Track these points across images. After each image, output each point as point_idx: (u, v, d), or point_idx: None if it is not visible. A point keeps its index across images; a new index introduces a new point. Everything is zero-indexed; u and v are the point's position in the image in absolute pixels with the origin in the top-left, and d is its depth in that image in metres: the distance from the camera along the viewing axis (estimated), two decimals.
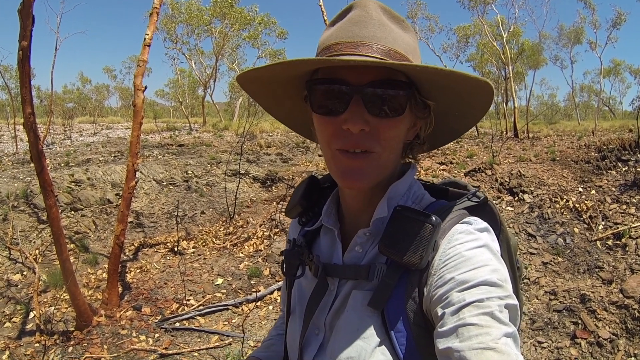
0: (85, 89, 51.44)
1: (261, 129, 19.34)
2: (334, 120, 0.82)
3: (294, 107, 0.99)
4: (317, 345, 0.90)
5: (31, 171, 9.03)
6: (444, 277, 0.75)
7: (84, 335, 4.72)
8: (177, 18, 27.87)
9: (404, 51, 0.83)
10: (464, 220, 0.84)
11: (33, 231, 7.33)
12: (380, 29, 0.82)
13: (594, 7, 31.69)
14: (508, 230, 0.98)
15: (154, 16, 5.65)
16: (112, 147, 14.66)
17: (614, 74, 47.71)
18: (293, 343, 0.97)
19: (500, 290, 0.71)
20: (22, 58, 3.98)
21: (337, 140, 0.83)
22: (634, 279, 4.84)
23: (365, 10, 0.84)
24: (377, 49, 0.80)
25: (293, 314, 1.01)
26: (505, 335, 0.66)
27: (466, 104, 0.87)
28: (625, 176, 7.52)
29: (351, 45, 0.81)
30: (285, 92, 0.95)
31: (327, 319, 0.90)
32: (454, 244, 0.79)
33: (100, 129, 23.04)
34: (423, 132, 0.93)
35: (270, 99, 1.01)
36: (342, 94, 0.80)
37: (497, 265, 0.76)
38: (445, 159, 10.99)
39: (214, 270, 6.52)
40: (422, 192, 0.96)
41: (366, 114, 0.80)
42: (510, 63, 23.70)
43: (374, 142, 0.82)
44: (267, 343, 1.22)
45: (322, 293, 0.92)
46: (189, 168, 10.73)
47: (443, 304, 0.72)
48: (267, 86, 0.94)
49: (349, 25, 0.83)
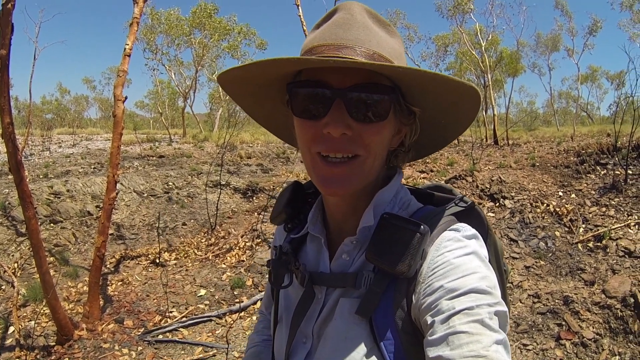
0: (64, 100, 51.07)
1: (241, 140, 19.31)
2: (314, 124, 0.81)
3: (274, 109, 0.97)
4: (305, 354, 0.89)
5: (9, 183, 8.87)
6: (432, 285, 0.74)
7: (65, 350, 4.61)
8: (157, 28, 27.85)
9: (389, 55, 0.82)
10: (452, 227, 0.83)
11: (11, 244, 7.17)
12: (365, 32, 0.80)
13: (570, 15, 32.58)
14: (495, 235, 0.98)
15: (134, 26, 5.61)
16: (91, 158, 14.50)
17: (591, 80, 48.88)
18: (280, 351, 0.95)
19: (490, 298, 0.71)
20: (1, 67, 3.90)
21: (317, 144, 0.81)
22: (615, 279, 4.91)
23: (349, 13, 0.82)
24: (361, 52, 0.78)
25: (280, 323, 0.99)
26: (496, 343, 0.65)
27: (452, 111, 0.87)
28: (604, 179, 7.66)
29: (334, 48, 0.79)
30: (266, 94, 0.93)
31: (314, 328, 0.89)
32: (442, 251, 0.78)
33: (79, 140, 22.73)
34: (408, 140, 0.92)
35: (250, 100, 0.99)
36: (324, 97, 0.78)
37: (486, 272, 0.75)
38: (426, 167, 11.09)
39: (197, 281, 6.44)
40: (408, 197, 0.95)
41: (348, 118, 0.78)
42: (489, 71, 24.09)
43: (357, 147, 0.80)
44: (254, 350, 1.20)
45: (309, 302, 0.90)
46: (170, 179, 10.65)
47: (432, 312, 0.72)
48: (247, 87, 0.92)
49: (333, 28, 0.82)
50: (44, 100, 49.38)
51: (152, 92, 42.61)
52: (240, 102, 0.99)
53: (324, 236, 0.95)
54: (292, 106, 0.83)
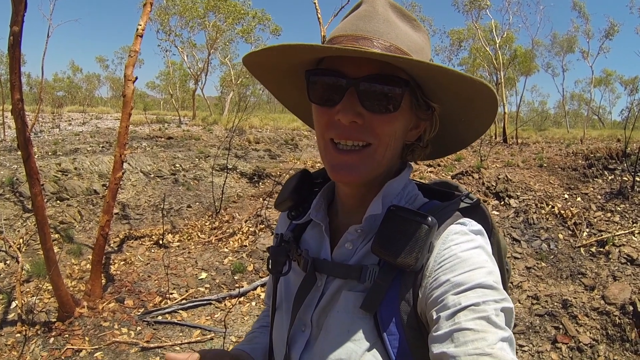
0: (76, 78, 51.16)
1: (250, 125, 19.31)
2: (328, 111, 0.83)
3: (300, 97, 0.97)
4: (304, 342, 0.89)
5: (18, 159, 8.94)
6: (439, 279, 0.74)
7: (66, 327, 4.68)
8: (171, 10, 27.72)
9: (407, 48, 0.82)
10: (459, 221, 0.83)
11: (18, 220, 7.24)
12: (385, 25, 0.82)
13: (587, 17, 32.10)
14: (499, 233, 0.98)
15: (147, 7, 5.61)
16: (100, 137, 14.56)
17: (604, 83, 48.38)
18: (280, 338, 0.96)
19: (496, 293, 0.70)
20: (13, 43, 3.93)
21: (329, 130, 0.83)
22: (615, 286, 4.90)
23: (372, 5, 0.84)
24: (378, 44, 0.80)
25: (279, 309, 1.00)
26: (501, 340, 0.65)
27: (469, 109, 0.86)
28: (611, 185, 7.61)
29: (352, 38, 0.81)
30: (291, 82, 0.96)
31: (313, 316, 0.89)
32: (449, 244, 0.78)
33: (89, 119, 22.83)
34: (427, 135, 0.92)
35: (276, 86, 1.02)
36: (338, 85, 0.80)
37: (492, 268, 0.75)
38: (433, 161, 11.03)
39: (198, 264, 6.49)
40: (416, 192, 0.95)
41: (359, 107, 0.79)
42: (502, 68, 23.88)
43: (368, 135, 0.81)
44: (250, 336, 1.20)
45: (309, 288, 0.90)
46: (177, 161, 10.69)
47: (438, 307, 0.71)
48: (273, 74, 0.95)
49: (354, 20, 0.84)
50: (56, 77, 49.59)
51: (164, 73, 42.73)
52: (268, 86, 1.02)
53: (325, 223, 0.95)
54: (309, 93, 0.85)
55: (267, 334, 1.14)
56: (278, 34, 32.55)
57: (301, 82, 0.90)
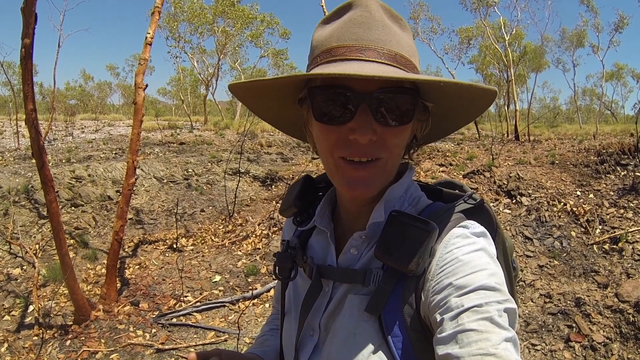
0: (87, 86, 51.67)
1: (262, 128, 19.35)
2: (338, 129, 0.79)
3: (281, 107, 0.95)
4: (312, 347, 0.90)
5: (32, 167, 9.07)
6: (441, 283, 0.74)
7: (82, 329, 4.76)
8: (179, 16, 27.91)
9: (408, 54, 0.81)
10: (461, 224, 0.83)
11: (33, 226, 7.37)
12: (385, 32, 0.79)
13: (596, 11, 31.73)
14: (504, 232, 0.97)
15: (155, 15, 5.69)
16: (113, 144, 14.71)
17: (616, 77, 47.78)
18: (289, 343, 0.96)
19: (499, 295, 0.71)
20: (25, 55, 4.01)
21: (341, 149, 0.80)
22: (629, 284, 4.86)
23: (367, 10, 0.80)
24: (383, 54, 0.78)
25: (288, 315, 1.00)
26: (505, 340, 0.65)
27: (465, 107, 0.87)
28: (624, 180, 7.53)
29: (356, 50, 0.78)
30: (275, 94, 0.91)
31: (321, 321, 0.89)
32: (450, 248, 0.78)
33: (102, 126, 23.10)
34: (419, 133, 0.91)
35: (256, 100, 0.96)
36: (348, 102, 0.77)
37: (495, 269, 0.75)
38: (445, 161, 10.99)
39: (212, 267, 6.55)
40: (419, 194, 0.95)
41: (374, 123, 0.77)
42: (512, 65, 23.70)
43: (380, 150, 0.80)
44: (261, 339, 1.21)
45: (316, 294, 0.91)
46: (190, 166, 10.78)
47: (441, 310, 0.71)
48: (255, 91, 0.91)
49: (351, 27, 0.80)
50: (68, 86, 50.16)
51: (175, 79, 43.00)
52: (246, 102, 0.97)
53: (330, 230, 0.95)
54: (313, 110, 0.81)
55: (277, 336, 1.15)
56: (287, 37, 32.63)
57: (284, 94, 0.89)
